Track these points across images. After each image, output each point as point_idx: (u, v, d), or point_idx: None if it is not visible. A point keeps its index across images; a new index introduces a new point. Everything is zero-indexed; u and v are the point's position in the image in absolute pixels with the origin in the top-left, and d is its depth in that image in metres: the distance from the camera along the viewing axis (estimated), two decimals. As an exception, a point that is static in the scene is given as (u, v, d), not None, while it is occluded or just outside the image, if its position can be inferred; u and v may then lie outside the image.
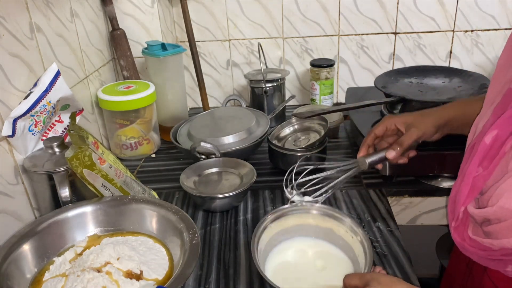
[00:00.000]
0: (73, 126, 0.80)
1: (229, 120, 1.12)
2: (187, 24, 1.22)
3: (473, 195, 0.52)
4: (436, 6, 1.29)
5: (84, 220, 0.75)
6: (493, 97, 0.54)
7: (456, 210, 0.53)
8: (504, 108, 0.48)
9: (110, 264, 0.65)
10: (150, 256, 0.69)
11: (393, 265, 0.72)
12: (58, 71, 0.82)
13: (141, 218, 0.75)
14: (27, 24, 0.80)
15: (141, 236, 0.74)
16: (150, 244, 0.72)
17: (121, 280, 0.63)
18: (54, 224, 0.72)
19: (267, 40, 1.36)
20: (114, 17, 1.16)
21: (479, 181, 0.51)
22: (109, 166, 0.77)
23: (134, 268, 0.65)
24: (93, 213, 0.76)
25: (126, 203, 0.76)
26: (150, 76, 1.19)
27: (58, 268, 0.67)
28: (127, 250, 0.68)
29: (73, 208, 0.75)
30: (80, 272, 0.63)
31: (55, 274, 0.66)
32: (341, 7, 1.31)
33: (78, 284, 0.61)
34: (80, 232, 0.74)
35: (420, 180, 0.95)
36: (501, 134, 0.48)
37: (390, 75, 1.12)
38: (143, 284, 0.63)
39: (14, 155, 0.76)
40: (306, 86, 1.43)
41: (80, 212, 0.75)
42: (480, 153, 0.50)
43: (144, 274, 0.65)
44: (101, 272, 0.63)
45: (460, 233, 0.54)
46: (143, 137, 1.11)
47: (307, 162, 0.92)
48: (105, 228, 0.76)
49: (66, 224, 0.73)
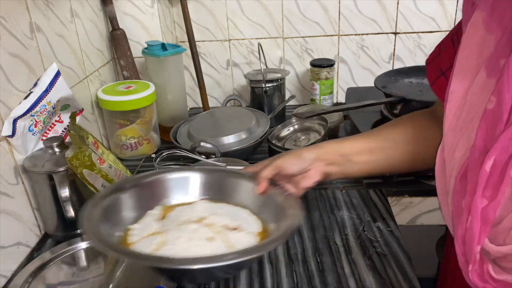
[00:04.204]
0: (73, 126, 0.80)
1: (229, 120, 1.12)
2: (187, 24, 1.22)
3: (486, 231, 0.46)
4: (436, 6, 1.29)
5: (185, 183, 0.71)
6: (459, 123, 0.50)
7: (470, 252, 0.47)
8: (490, 131, 0.45)
9: (205, 218, 0.63)
10: (239, 215, 0.66)
11: (393, 265, 0.72)
12: (58, 71, 0.82)
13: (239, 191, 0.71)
14: (27, 24, 0.80)
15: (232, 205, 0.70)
16: (236, 209, 0.69)
17: (223, 232, 0.60)
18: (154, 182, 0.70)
19: (267, 40, 1.36)
20: (114, 17, 1.16)
21: (489, 213, 0.45)
22: (109, 166, 0.77)
23: (229, 223, 0.63)
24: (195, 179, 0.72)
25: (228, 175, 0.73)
26: (150, 76, 1.19)
27: (144, 229, 0.63)
28: (217, 208, 0.66)
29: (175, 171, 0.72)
30: (177, 227, 0.60)
31: (146, 235, 0.61)
32: (341, 7, 1.31)
33: (182, 234, 0.58)
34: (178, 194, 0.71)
35: (420, 180, 0.95)
36: (499, 159, 0.44)
37: (390, 75, 1.12)
38: (243, 234, 0.61)
39: (14, 155, 0.76)
40: (306, 86, 1.43)
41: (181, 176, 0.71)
42: (482, 182, 0.45)
43: (242, 227, 0.63)
44: (201, 223, 0.61)
45: (480, 275, 0.48)
46: (143, 137, 1.12)
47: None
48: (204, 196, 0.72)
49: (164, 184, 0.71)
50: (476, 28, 0.48)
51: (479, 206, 0.45)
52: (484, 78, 0.47)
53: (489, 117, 0.45)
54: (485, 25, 0.47)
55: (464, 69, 0.50)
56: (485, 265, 0.48)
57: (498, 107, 0.44)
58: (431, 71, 0.66)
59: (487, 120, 0.45)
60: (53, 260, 0.73)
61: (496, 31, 0.46)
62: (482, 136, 0.45)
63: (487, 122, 0.45)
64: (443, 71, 0.62)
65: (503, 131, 0.43)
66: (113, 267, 0.72)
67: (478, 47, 0.48)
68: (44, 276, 0.70)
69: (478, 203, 0.45)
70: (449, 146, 0.51)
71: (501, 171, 0.44)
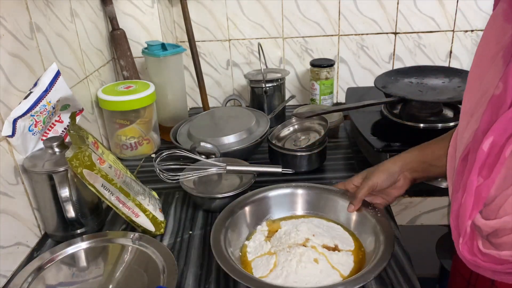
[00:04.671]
0: (73, 126, 0.80)
1: (229, 120, 1.12)
2: (187, 24, 1.22)
3: (478, 207, 0.49)
4: (436, 6, 1.29)
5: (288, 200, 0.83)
6: (472, 108, 0.52)
7: (462, 225, 0.51)
8: (494, 115, 0.47)
9: (309, 240, 0.72)
10: (335, 232, 0.76)
11: (393, 265, 0.71)
12: (58, 71, 0.82)
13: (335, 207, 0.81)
14: (27, 24, 0.80)
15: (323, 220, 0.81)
16: (330, 225, 0.80)
17: (326, 252, 0.70)
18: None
19: (267, 40, 1.36)
20: (114, 17, 1.16)
21: (482, 191, 0.48)
22: (108, 166, 0.77)
23: (328, 242, 0.73)
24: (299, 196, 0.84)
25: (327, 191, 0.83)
26: (150, 76, 1.18)
27: (258, 248, 0.74)
28: (315, 227, 0.75)
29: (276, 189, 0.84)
30: (288, 248, 0.71)
31: (260, 254, 0.72)
32: (341, 7, 1.31)
33: (292, 257, 0.68)
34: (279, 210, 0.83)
35: (420, 180, 0.95)
36: (497, 140, 0.46)
37: (390, 75, 1.12)
38: (342, 254, 0.70)
39: (14, 155, 0.76)
40: (306, 86, 1.43)
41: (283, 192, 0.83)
42: (479, 161, 0.48)
43: (339, 246, 0.72)
44: (306, 247, 0.71)
45: (470, 249, 0.52)
46: (143, 137, 1.11)
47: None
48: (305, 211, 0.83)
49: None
50: (496, 18, 0.50)
51: (474, 183, 0.48)
52: (497, 65, 0.49)
53: (495, 102, 0.47)
54: (505, 15, 0.49)
55: (482, 56, 0.52)
56: (475, 240, 0.51)
57: (504, 92, 0.45)
58: None
59: (493, 104, 0.47)
60: (53, 260, 0.73)
61: None
62: (486, 119, 0.47)
63: (493, 107, 0.47)
64: None
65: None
66: (113, 267, 0.72)
67: (496, 36, 0.50)
68: (44, 276, 0.70)
69: (474, 181, 0.48)
70: (461, 129, 0.54)
71: (498, 151, 0.46)
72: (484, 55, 0.51)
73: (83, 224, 0.82)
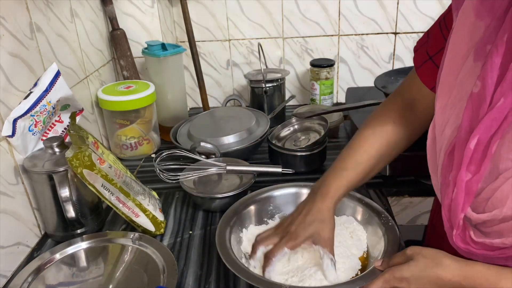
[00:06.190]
0: (73, 126, 0.80)
1: (229, 120, 1.12)
2: (187, 24, 1.22)
3: (469, 200, 0.52)
4: (436, 6, 1.29)
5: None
6: (450, 103, 0.54)
7: (455, 219, 0.53)
8: (475, 112, 0.49)
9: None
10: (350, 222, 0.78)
11: (393, 265, 0.71)
12: (58, 71, 0.82)
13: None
14: (27, 24, 0.80)
15: None
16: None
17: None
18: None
19: (267, 40, 1.36)
20: (114, 17, 1.16)
21: (472, 186, 0.51)
22: (108, 166, 0.77)
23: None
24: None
25: None
26: (150, 76, 1.19)
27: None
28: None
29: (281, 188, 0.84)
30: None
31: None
32: (341, 7, 1.31)
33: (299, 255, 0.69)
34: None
35: (420, 180, 0.95)
36: (482, 138, 0.48)
37: (390, 75, 1.12)
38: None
39: (14, 155, 0.76)
40: (306, 86, 1.43)
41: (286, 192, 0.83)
42: (467, 158, 0.50)
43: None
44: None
45: (463, 239, 0.55)
46: (143, 137, 1.12)
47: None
48: None
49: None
50: (467, 15, 0.51)
51: (463, 179, 0.51)
52: (471, 62, 0.50)
53: (474, 99, 0.49)
54: (476, 11, 0.50)
55: (455, 52, 0.53)
56: (467, 230, 0.54)
57: (483, 91, 0.47)
58: (418, 56, 0.70)
59: (473, 102, 0.49)
60: (53, 260, 0.73)
61: (486, 18, 0.49)
62: (468, 117, 0.50)
63: (473, 104, 0.49)
64: (431, 56, 0.66)
65: (486, 113, 0.47)
66: (113, 267, 0.72)
67: (469, 32, 0.51)
68: (44, 276, 0.70)
69: (463, 177, 0.51)
70: (439, 123, 0.56)
71: (483, 148, 0.49)
72: (457, 51, 0.53)
73: (83, 224, 0.82)
